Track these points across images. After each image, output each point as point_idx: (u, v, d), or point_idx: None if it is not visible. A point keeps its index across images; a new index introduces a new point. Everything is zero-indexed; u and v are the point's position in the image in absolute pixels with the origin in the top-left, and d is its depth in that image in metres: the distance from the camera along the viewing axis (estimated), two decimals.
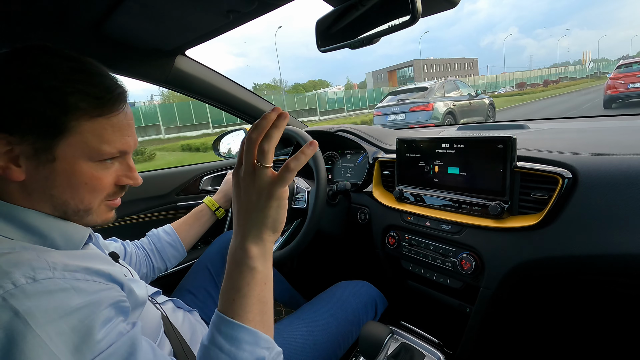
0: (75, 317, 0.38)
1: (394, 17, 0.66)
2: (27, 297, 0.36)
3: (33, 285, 0.37)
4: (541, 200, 0.72)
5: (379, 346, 0.66)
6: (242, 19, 0.86)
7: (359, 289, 0.94)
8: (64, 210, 0.48)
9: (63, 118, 0.43)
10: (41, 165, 0.44)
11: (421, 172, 0.92)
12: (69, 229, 0.50)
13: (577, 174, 0.68)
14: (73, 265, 0.43)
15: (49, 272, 0.39)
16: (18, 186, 0.45)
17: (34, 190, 0.46)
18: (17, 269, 0.37)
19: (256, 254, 0.46)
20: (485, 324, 0.86)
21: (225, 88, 1.30)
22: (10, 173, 0.43)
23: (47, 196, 0.47)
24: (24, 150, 0.43)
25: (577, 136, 0.96)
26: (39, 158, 0.44)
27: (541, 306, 0.93)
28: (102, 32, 0.88)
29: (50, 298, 0.37)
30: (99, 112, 0.46)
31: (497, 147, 0.76)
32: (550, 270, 0.73)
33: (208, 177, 1.49)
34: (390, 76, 55.34)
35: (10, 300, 0.35)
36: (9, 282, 0.36)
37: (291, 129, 0.97)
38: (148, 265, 0.89)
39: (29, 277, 0.37)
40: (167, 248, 0.92)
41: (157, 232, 0.95)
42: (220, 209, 1.04)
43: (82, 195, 0.48)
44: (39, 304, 0.36)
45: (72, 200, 0.48)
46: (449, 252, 0.86)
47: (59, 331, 0.36)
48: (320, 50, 0.82)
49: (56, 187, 0.46)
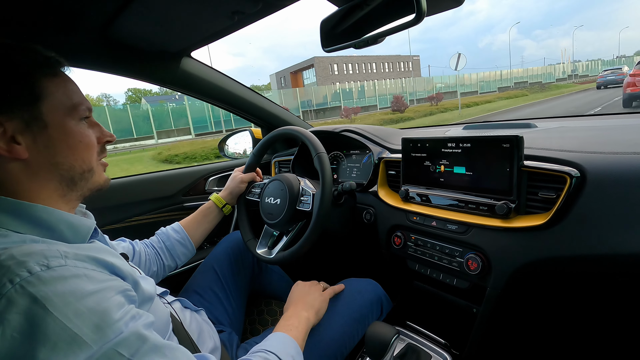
0: (91, 299, 0.40)
1: (399, 16, 0.65)
2: (43, 283, 0.38)
3: (47, 272, 0.39)
4: (549, 200, 0.72)
5: (385, 347, 0.66)
6: (246, 20, 0.87)
7: (364, 286, 0.94)
8: (71, 176, 0.52)
9: (32, 83, 0.48)
10: (37, 136, 0.49)
11: (427, 171, 0.92)
12: (75, 221, 0.51)
13: (585, 173, 0.67)
14: (82, 255, 0.45)
15: (61, 260, 0.41)
16: (23, 167, 0.48)
17: (39, 167, 0.49)
18: (31, 258, 0.39)
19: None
20: (493, 325, 0.85)
21: (230, 89, 1.31)
22: (15, 151, 0.47)
23: (53, 166, 0.51)
24: (16, 126, 0.47)
25: (586, 134, 0.95)
26: (32, 129, 0.48)
27: (549, 306, 0.92)
28: (109, 35, 0.89)
29: (65, 283, 0.39)
30: (52, 71, 0.51)
31: (504, 146, 0.75)
32: (558, 270, 0.72)
33: (214, 178, 1.49)
34: (294, 78, 42.68)
35: (28, 287, 0.37)
36: (24, 271, 0.38)
37: (297, 130, 0.97)
38: (158, 263, 0.90)
39: (43, 264, 0.39)
40: (176, 246, 0.93)
41: (166, 230, 0.96)
42: (227, 205, 1.05)
43: (83, 155, 0.54)
44: (55, 289, 0.38)
45: (75, 162, 0.53)
46: (456, 252, 0.86)
47: (77, 313, 0.38)
48: (325, 50, 0.82)
49: (58, 152, 0.51)
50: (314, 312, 0.78)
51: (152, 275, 0.88)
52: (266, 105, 1.46)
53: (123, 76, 1.09)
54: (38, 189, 0.50)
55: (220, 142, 1.62)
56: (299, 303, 0.79)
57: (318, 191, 0.89)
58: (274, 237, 1.04)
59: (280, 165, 1.52)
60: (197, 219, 1.00)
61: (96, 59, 0.99)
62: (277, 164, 1.53)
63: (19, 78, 0.47)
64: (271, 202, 0.97)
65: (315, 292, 0.83)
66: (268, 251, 1.00)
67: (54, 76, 0.51)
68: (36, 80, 0.49)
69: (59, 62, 0.53)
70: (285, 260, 0.91)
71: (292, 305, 0.79)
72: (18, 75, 0.47)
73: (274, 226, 0.99)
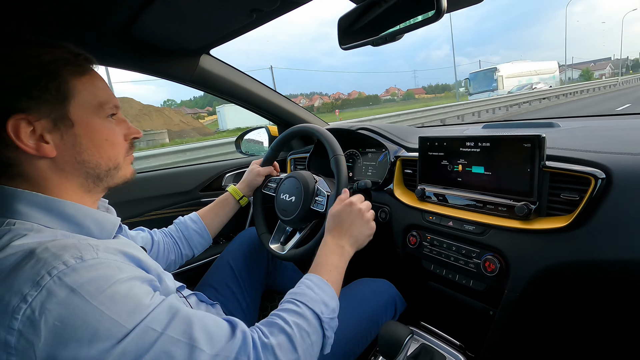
0: (123, 287, 0.42)
1: (418, 13, 0.64)
2: (78, 274, 0.40)
3: (82, 264, 0.41)
4: (572, 202, 0.69)
5: (398, 346, 0.65)
6: (264, 18, 0.87)
7: (379, 287, 0.93)
8: (97, 174, 0.54)
9: (61, 82, 0.49)
10: (65, 134, 0.50)
11: (444, 171, 0.90)
12: (100, 218, 0.54)
13: (611, 175, 0.64)
14: (112, 249, 0.48)
15: (93, 253, 0.43)
16: (51, 165, 0.50)
17: (66, 164, 0.51)
18: (66, 252, 0.41)
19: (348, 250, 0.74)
20: (510, 328, 0.83)
21: (248, 87, 1.32)
22: (43, 150, 0.48)
23: (79, 164, 0.52)
24: (44, 125, 0.48)
25: (612, 134, 0.91)
26: (59, 128, 0.49)
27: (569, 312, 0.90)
28: (130, 33, 0.92)
29: (99, 273, 0.42)
30: (81, 70, 0.52)
31: (525, 146, 0.73)
32: (580, 274, 0.70)
33: (230, 174, 1.51)
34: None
35: (65, 278, 0.39)
36: (61, 263, 0.40)
37: (316, 128, 0.97)
38: (176, 252, 0.92)
39: (77, 257, 0.41)
40: (194, 236, 0.95)
41: (184, 220, 0.98)
42: (244, 197, 1.07)
43: (109, 152, 0.55)
44: (90, 279, 0.40)
45: (101, 159, 0.54)
46: (472, 253, 0.84)
47: (112, 299, 0.41)
48: (342, 47, 0.81)
49: (84, 150, 0.52)
50: (356, 248, 0.75)
51: (170, 264, 0.91)
52: (283, 103, 1.47)
53: (144, 73, 1.12)
54: (65, 185, 0.52)
55: (237, 139, 1.64)
56: (345, 233, 0.74)
57: (333, 193, 0.89)
58: (287, 233, 1.05)
59: (296, 163, 1.52)
60: (214, 210, 1.02)
61: (119, 56, 1.01)
62: (292, 161, 1.53)
63: (49, 78, 0.48)
64: (286, 198, 0.98)
65: (365, 224, 0.77)
66: (280, 247, 1.01)
67: (82, 74, 0.52)
68: (65, 80, 0.50)
69: (88, 60, 0.54)
70: (296, 257, 0.92)
71: (337, 232, 0.74)
72: (48, 76, 0.48)
73: (287, 222, 1.00)
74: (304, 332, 0.54)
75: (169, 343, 0.42)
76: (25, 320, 0.37)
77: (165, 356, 0.41)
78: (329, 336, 0.59)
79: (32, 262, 0.40)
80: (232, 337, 0.47)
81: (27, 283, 0.38)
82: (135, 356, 0.40)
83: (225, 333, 0.48)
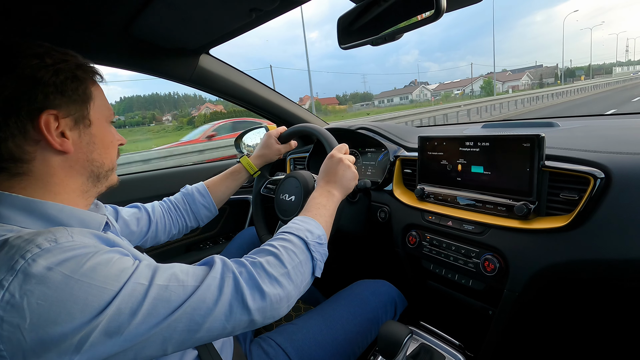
0: (103, 257, 0.43)
1: (418, 13, 0.64)
2: (53, 255, 0.40)
3: (56, 246, 0.41)
4: (571, 201, 0.69)
5: (398, 346, 0.65)
6: (264, 18, 0.87)
7: (378, 288, 0.93)
8: (98, 173, 0.57)
9: (86, 86, 0.54)
10: (82, 133, 0.54)
11: (444, 170, 0.90)
12: (86, 217, 0.54)
13: (610, 174, 0.64)
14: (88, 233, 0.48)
15: (69, 237, 0.44)
16: (62, 162, 0.52)
17: (76, 161, 0.53)
18: (39, 236, 0.42)
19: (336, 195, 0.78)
20: (509, 328, 0.83)
21: (247, 87, 1.32)
22: (65, 145, 0.51)
23: (88, 162, 0.55)
24: (67, 123, 0.51)
25: (612, 134, 0.91)
26: (79, 126, 0.53)
27: (568, 311, 0.90)
28: (130, 33, 0.91)
29: (75, 253, 0.42)
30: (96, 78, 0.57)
31: (524, 146, 0.73)
32: (580, 274, 0.70)
33: None
34: None
35: (39, 259, 0.39)
36: (34, 247, 0.40)
37: (315, 128, 0.97)
38: (180, 224, 0.94)
39: (51, 240, 0.42)
40: (201, 209, 0.97)
41: (192, 192, 0.97)
42: (258, 172, 1.06)
43: (112, 154, 0.60)
44: (66, 258, 0.40)
45: (106, 160, 0.58)
46: (472, 253, 0.84)
47: (94, 269, 0.41)
48: (341, 47, 0.81)
49: (95, 149, 0.56)
50: (344, 193, 0.80)
51: (172, 238, 0.94)
52: (282, 102, 1.47)
53: (143, 73, 1.12)
54: (67, 183, 0.52)
55: (237, 139, 1.63)
56: (333, 181, 0.80)
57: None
58: None
59: (295, 162, 1.52)
60: (225, 182, 1.02)
61: (118, 56, 1.01)
62: (292, 160, 1.53)
63: (79, 81, 0.53)
64: (286, 198, 0.98)
65: (352, 173, 0.82)
66: None
67: (96, 82, 0.58)
68: (87, 85, 0.55)
69: (98, 73, 0.59)
70: None
71: (325, 180, 0.81)
72: (77, 79, 0.53)
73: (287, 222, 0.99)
74: (290, 251, 0.58)
75: (160, 290, 0.44)
76: (5, 306, 0.36)
77: (161, 302, 0.43)
78: (318, 259, 0.61)
79: (5, 249, 0.40)
80: (212, 266, 0.51)
81: (2, 269, 0.38)
82: (131, 311, 0.41)
83: (204, 267, 0.51)
